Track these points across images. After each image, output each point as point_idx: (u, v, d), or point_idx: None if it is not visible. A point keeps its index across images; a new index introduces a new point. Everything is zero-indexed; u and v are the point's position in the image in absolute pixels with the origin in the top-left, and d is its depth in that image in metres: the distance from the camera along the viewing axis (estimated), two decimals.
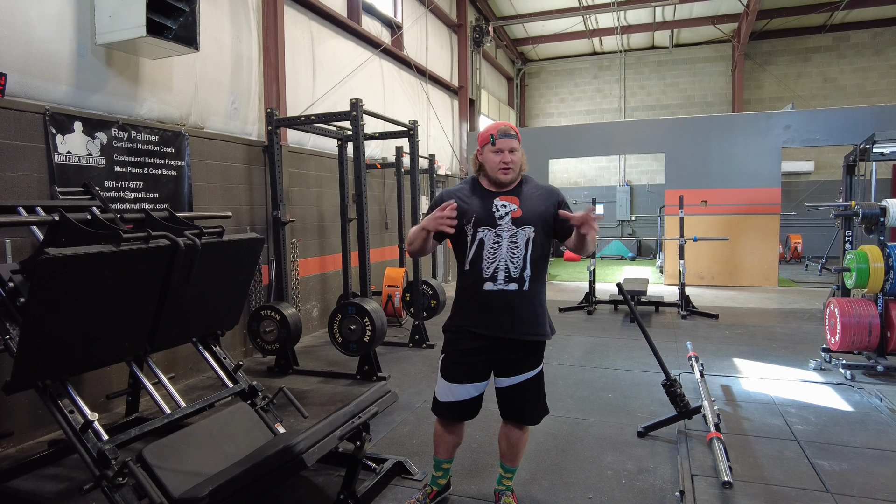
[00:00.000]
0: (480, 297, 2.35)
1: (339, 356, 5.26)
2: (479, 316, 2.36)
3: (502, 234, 2.33)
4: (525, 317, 2.34)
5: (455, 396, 2.42)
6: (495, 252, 2.33)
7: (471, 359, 2.39)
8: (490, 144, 2.35)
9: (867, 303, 4.62)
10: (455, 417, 2.48)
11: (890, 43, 13.95)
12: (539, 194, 2.42)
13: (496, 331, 2.34)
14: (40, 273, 2.10)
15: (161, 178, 4.43)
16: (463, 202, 2.39)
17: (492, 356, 2.39)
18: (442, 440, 2.55)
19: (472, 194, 2.42)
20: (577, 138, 11.12)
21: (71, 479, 2.98)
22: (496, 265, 2.33)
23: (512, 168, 2.35)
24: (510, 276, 2.31)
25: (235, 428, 2.79)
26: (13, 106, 3.40)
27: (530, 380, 2.41)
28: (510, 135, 2.35)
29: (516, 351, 2.38)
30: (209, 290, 3.00)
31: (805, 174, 14.48)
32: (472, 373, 2.40)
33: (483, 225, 2.35)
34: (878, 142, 5.62)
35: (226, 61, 5.21)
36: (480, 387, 2.43)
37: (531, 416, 2.48)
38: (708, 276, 10.07)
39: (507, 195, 2.38)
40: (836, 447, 3.27)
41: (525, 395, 2.42)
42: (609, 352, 5.54)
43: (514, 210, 2.34)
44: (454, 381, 2.42)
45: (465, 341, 2.39)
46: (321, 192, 6.65)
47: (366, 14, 7.93)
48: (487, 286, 2.33)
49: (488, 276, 2.33)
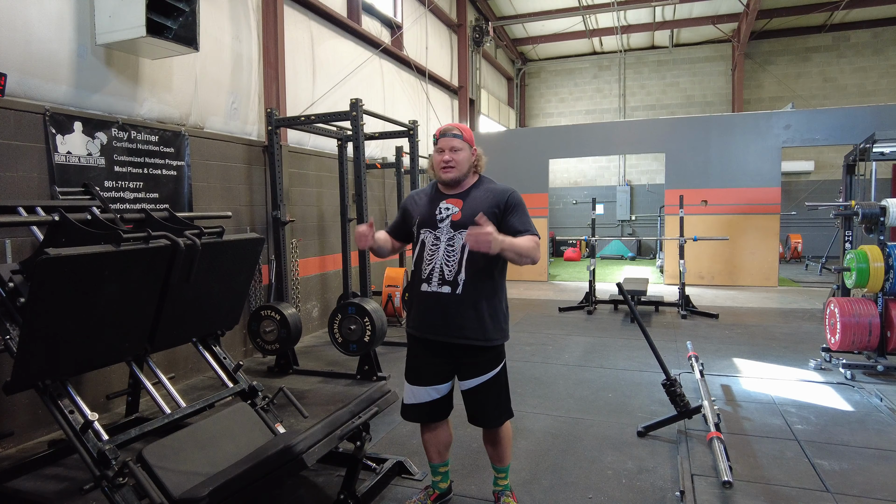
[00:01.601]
0: (419, 297, 2.41)
1: (339, 356, 5.26)
2: (416, 316, 2.44)
3: (441, 236, 2.35)
4: (457, 320, 2.31)
5: (416, 398, 2.46)
6: (433, 254, 2.35)
7: (422, 361, 2.44)
8: (434, 144, 2.38)
9: (867, 302, 4.62)
10: (423, 419, 2.50)
11: (890, 42, 13.95)
12: (486, 197, 2.35)
13: (428, 332, 2.38)
14: (40, 273, 2.09)
15: (161, 178, 4.43)
16: (416, 204, 2.47)
17: (441, 359, 2.40)
18: (427, 443, 2.57)
19: (427, 196, 2.47)
20: (576, 138, 11.12)
21: (71, 479, 2.98)
22: (432, 267, 2.35)
23: (454, 167, 2.34)
24: (443, 279, 2.32)
25: (235, 428, 2.79)
26: (13, 106, 3.40)
27: (485, 383, 2.39)
28: (452, 134, 2.36)
29: (459, 354, 2.38)
30: (209, 290, 3.00)
31: (805, 174, 14.48)
32: (428, 375, 2.43)
33: (425, 227, 2.39)
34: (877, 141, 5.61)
35: (226, 61, 5.21)
36: (441, 389, 2.44)
37: (490, 419, 2.45)
38: (708, 276, 10.07)
39: (454, 198, 2.39)
40: (836, 447, 3.27)
41: (482, 398, 2.42)
42: (609, 352, 5.54)
43: (455, 213, 2.34)
44: (412, 383, 2.47)
45: (416, 344, 2.46)
46: (321, 192, 6.65)
47: (366, 14, 7.93)
48: (423, 287, 2.37)
49: (425, 277, 2.37)
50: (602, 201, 15.87)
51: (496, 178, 2.49)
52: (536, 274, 10.95)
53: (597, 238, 8.25)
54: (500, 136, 11.93)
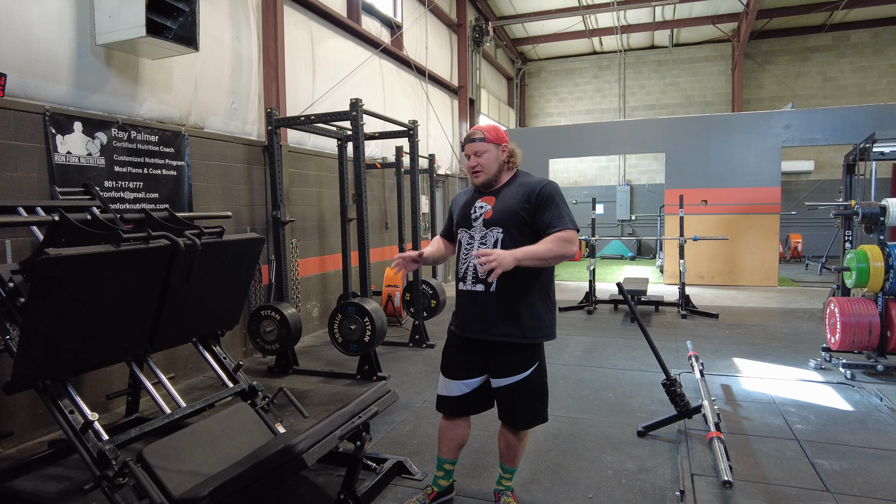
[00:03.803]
0: (458, 296, 2.47)
1: (339, 356, 5.26)
2: (456, 314, 2.50)
3: (475, 235, 2.39)
4: (493, 318, 2.32)
5: (449, 391, 2.49)
6: (468, 253, 2.39)
7: (457, 356, 2.47)
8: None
9: (867, 302, 4.62)
10: (452, 412, 2.52)
11: (889, 42, 13.95)
12: (518, 192, 2.35)
13: (465, 330, 2.42)
14: (40, 273, 2.09)
15: (161, 178, 4.43)
16: (457, 204, 2.54)
17: (474, 355, 2.42)
18: (444, 436, 2.56)
19: (467, 196, 2.53)
20: (577, 138, 11.12)
21: (71, 479, 2.98)
22: (466, 265, 2.39)
23: (481, 171, 2.39)
24: (477, 278, 2.35)
25: (235, 428, 2.79)
26: (13, 106, 3.40)
27: (518, 383, 2.35)
28: (474, 139, 2.39)
29: (492, 352, 2.37)
30: (209, 290, 3.00)
31: (805, 173, 14.48)
32: (461, 370, 2.45)
33: (461, 227, 2.46)
34: (877, 141, 5.61)
35: (225, 61, 5.21)
36: (472, 384, 2.45)
37: (522, 421, 2.44)
38: (708, 276, 10.07)
39: (488, 195, 2.43)
40: (836, 446, 3.27)
41: (514, 398, 2.39)
42: (609, 351, 5.54)
43: (487, 211, 2.38)
44: (447, 375, 2.51)
45: (452, 338, 2.52)
46: (321, 192, 6.65)
47: (365, 14, 7.93)
48: (460, 286, 2.44)
49: (461, 276, 2.42)
50: (602, 201, 15.87)
51: None
52: None
53: (597, 238, 8.25)
54: None
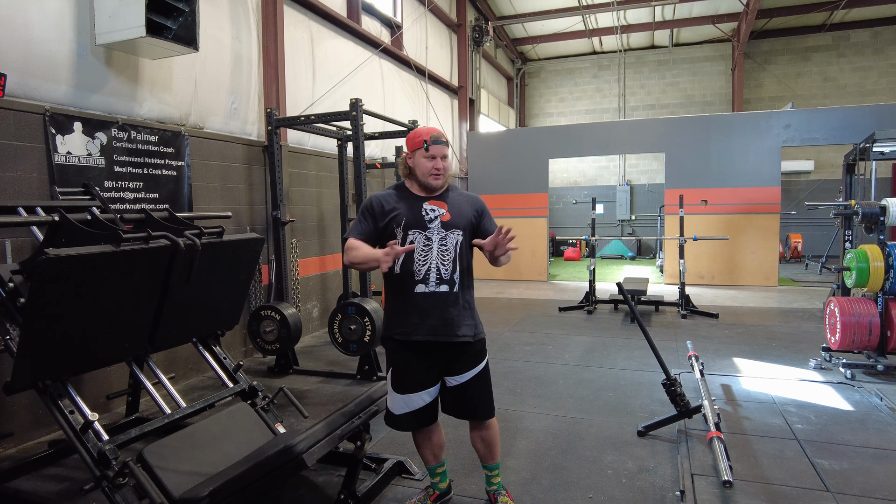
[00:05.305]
0: (412, 299, 2.36)
1: (340, 356, 5.26)
2: (410, 319, 2.37)
3: (432, 237, 2.37)
4: (454, 319, 2.37)
5: (410, 406, 2.42)
6: (426, 254, 2.36)
7: (417, 366, 2.41)
8: (423, 150, 2.39)
9: (867, 302, 4.62)
10: (416, 426, 2.50)
11: (889, 42, 13.95)
12: (465, 200, 2.52)
13: (427, 334, 2.36)
14: (40, 273, 2.09)
15: (161, 178, 4.43)
16: (387, 206, 2.42)
17: (434, 360, 2.41)
18: (422, 447, 2.57)
19: (399, 199, 2.44)
20: (576, 138, 11.11)
21: (71, 480, 2.98)
22: (427, 267, 2.35)
23: (442, 174, 2.42)
24: (441, 279, 2.35)
25: (235, 428, 2.80)
26: (13, 106, 3.40)
27: (477, 376, 2.45)
28: (442, 141, 2.41)
29: (454, 352, 2.41)
30: (209, 290, 3.00)
31: (805, 173, 14.47)
32: (423, 379, 2.42)
33: (413, 228, 2.38)
34: (877, 141, 5.61)
35: (225, 61, 5.21)
36: (433, 392, 2.45)
37: (486, 411, 2.50)
38: (708, 276, 10.07)
39: (435, 200, 2.43)
40: (836, 446, 3.27)
41: (475, 391, 2.46)
42: (609, 351, 5.54)
43: (443, 214, 2.40)
44: (407, 391, 2.41)
45: (406, 350, 2.40)
46: (321, 191, 6.65)
47: (365, 14, 7.93)
48: (419, 288, 2.35)
49: (420, 278, 2.35)
50: (602, 201, 15.86)
51: (497, 179, 2.56)
52: (536, 274, 10.95)
53: (597, 238, 8.25)
54: (500, 136, 11.92)
